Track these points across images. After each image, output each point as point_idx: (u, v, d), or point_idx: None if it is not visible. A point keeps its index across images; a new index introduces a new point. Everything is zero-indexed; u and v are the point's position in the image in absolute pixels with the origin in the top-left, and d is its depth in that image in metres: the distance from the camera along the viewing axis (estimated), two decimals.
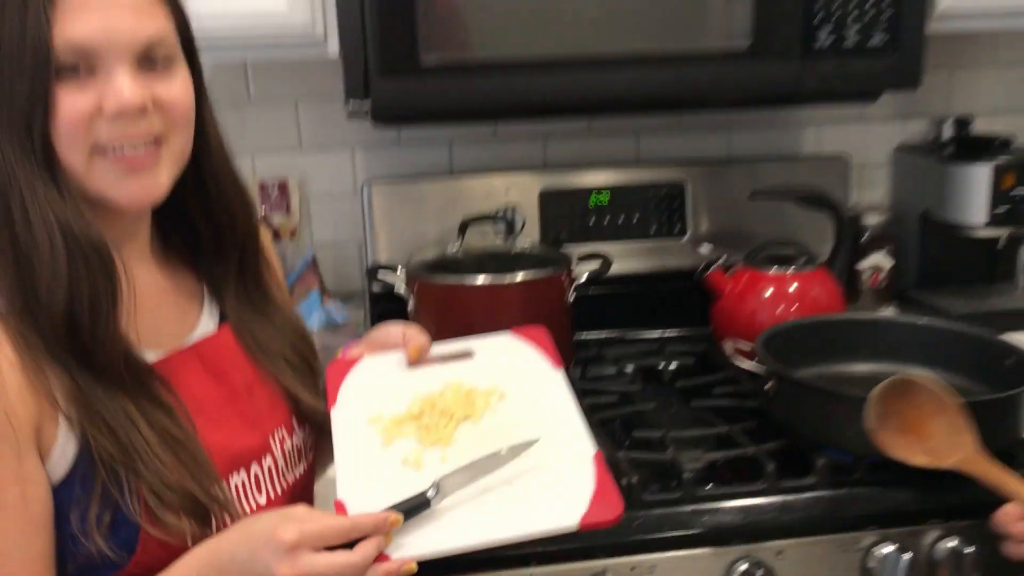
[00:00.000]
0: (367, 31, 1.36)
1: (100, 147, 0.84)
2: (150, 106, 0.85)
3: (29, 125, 0.81)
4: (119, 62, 0.83)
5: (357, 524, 0.79)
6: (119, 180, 0.86)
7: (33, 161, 0.82)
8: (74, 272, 0.83)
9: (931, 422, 1.07)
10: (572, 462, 0.86)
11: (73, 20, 0.81)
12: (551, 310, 1.51)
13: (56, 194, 0.83)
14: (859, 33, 1.43)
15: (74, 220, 0.83)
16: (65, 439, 0.83)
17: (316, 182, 1.82)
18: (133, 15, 0.84)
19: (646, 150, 1.87)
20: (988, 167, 1.71)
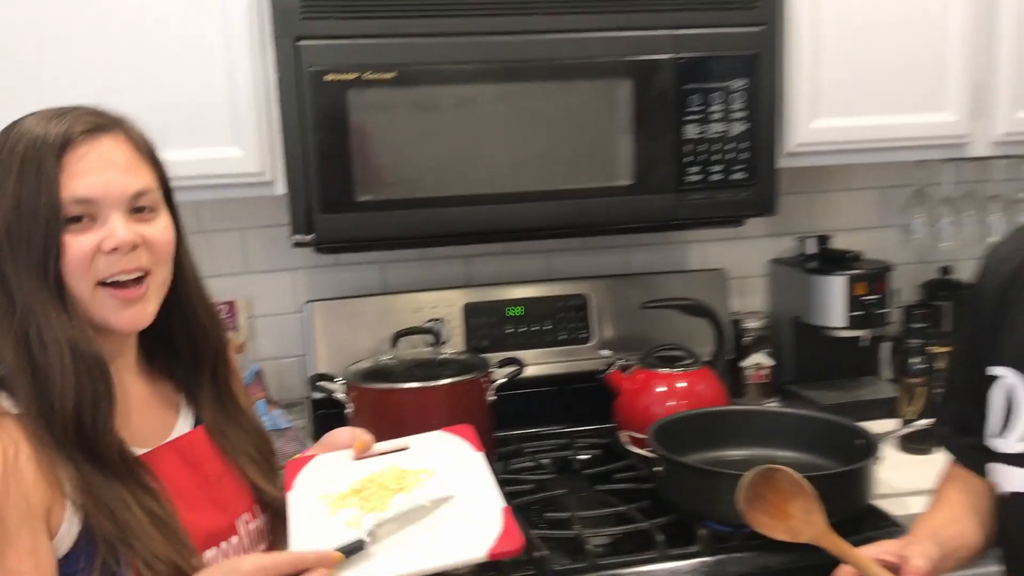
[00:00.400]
0: (310, 175, 1.60)
1: (101, 280, 1.04)
2: (139, 243, 1.06)
3: (45, 265, 1.02)
4: (114, 210, 1.05)
5: (303, 557, 0.98)
6: (116, 310, 1.06)
7: (48, 293, 1.02)
8: (80, 381, 1.02)
9: (790, 504, 1.23)
10: (484, 512, 1.06)
11: (77, 182, 1.03)
12: (473, 409, 1.72)
13: (67, 319, 1.03)
14: (722, 171, 1.73)
15: (80, 339, 1.03)
16: (70, 521, 1.01)
17: (261, 302, 2.02)
18: (123, 174, 1.06)
19: (555, 268, 2.13)
20: (844, 278, 2.01)
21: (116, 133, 1.08)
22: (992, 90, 1.87)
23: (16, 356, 1.02)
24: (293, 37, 1.55)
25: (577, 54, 1.65)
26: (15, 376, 1.02)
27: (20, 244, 1.01)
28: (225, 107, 1.60)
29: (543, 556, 1.38)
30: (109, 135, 1.07)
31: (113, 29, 1.54)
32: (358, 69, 1.58)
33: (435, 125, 1.63)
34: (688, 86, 1.69)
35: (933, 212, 2.21)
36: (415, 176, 1.65)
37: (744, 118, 1.72)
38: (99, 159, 1.04)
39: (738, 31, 1.69)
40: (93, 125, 1.05)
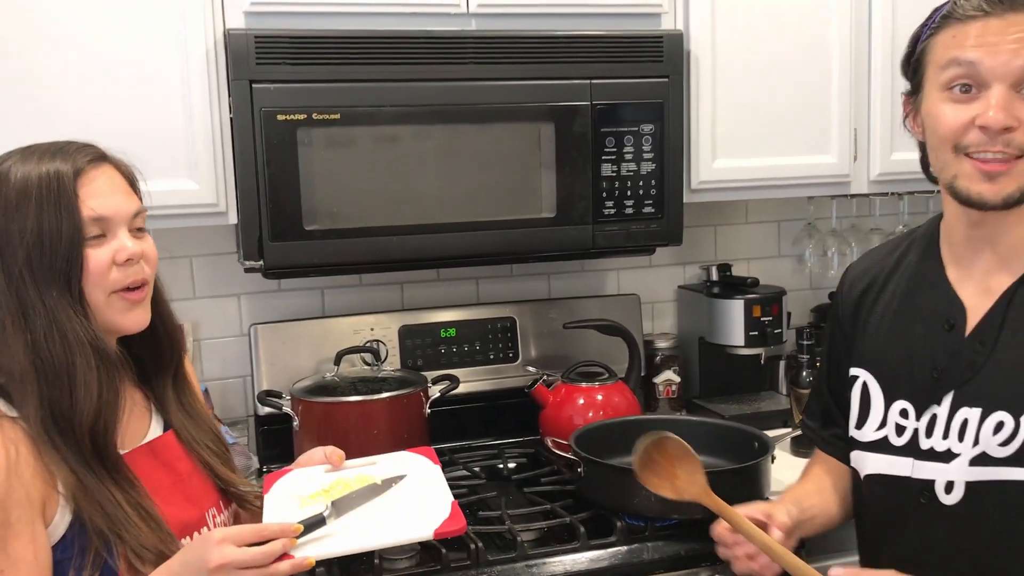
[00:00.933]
0: (262, 206, 1.74)
1: (114, 289, 1.20)
2: (141, 256, 1.22)
3: (69, 278, 1.17)
4: (121, 227, 1.21)
5: (266, 527, 1.13)
6: (125, 311, 1.22)
7: (73, 302, 1.17)
8: (101, 378, 1.16)
9: (677, 467, 1.39)
10: (436, 502, 1.23)
11: (93, 203, 1.18)
12: (412, 421, 1.88)
13: (89, 324, 1.17)
14: (633, 205, 1.93)
15: (102, 341, 1.18)
16: (62, 514, 1.14)
17: (207, 326, 2.14)
18: (125, 197, 1.24)
19: (485, 293, 2.31)
20: (741, 301, 2.23)
21: (110, 162, 1.25)
22: (868, 135, 2.13)
23: (32, 363, 1.14)
24: (248, 80, 1.69)
25: (504, 99, 1.83)
26: (26, 382, 1.14)
27: (44, 265, 1.15)
28: (183, 143, 1.74)
29: (477, 548, 1.54)
30: (107, 163, 1.24)
31: (83, 69, 1.67)
32: (307, 110, 1.73)
33: (375, 162, 1.79)
34: (603, 129, 1.89)
35: (822, 243, 2.47)
36: (357, 208, 1.80)
37: (653, 158, 1.93)
38: (106, 184, 1.21)
39: (647, 81, 1.91)
40: (94, 155, 1.23)
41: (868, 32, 2.10)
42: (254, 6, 1.73)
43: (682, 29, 1.97)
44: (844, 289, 1.44)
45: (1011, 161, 1.14)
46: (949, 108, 1.17)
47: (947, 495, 1.22)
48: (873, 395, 1.32)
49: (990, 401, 1.19)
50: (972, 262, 1.25)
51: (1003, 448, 1.17)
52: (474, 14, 1.85)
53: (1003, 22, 1.14)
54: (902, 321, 1.31)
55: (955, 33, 1.17)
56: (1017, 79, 1.13)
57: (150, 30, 1.69)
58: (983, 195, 1.16)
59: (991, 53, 1.13)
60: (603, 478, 1.67)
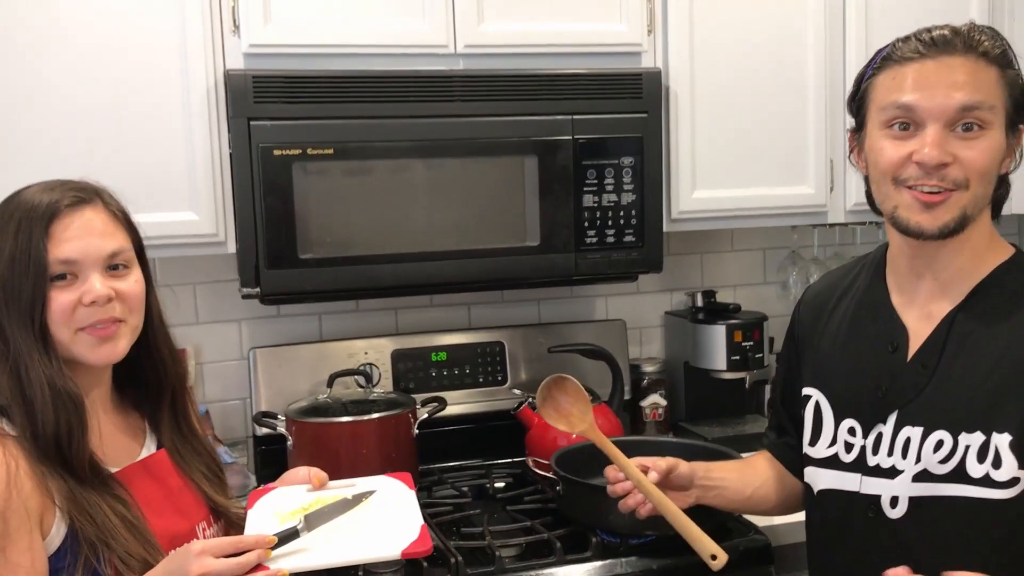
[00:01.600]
0: (259, 236, 1.84)
1: (80, 327, 1.26)
2: (113, 296, 1.29)
3: (32, 314, 1.24)
4: (92, 269, 1.27)
5: (243, 540, 1.19)
6: (93, 347, 1.28)
7: (33, 338, 1.24)
8: (57, 412, 1.23)
9: (574, 406, 1.62)
10: (406, 524, 1.30)
11: (62, 247, 1.25)
12: (401, 442, 1.96)
13: (47, 361, 1.24)
14: (615, 234, 2.02)
15: (57, 378, 1.24)
16: (58, 525, 1.22)
17: (209, 350, 2.24)
18: (100, 238, 1.29)
19: (475, 319, 2.39)
20: (723, 327, 2.31)
21: (96, 203, 1.31)
22: (844, 166, 2.21)
23: (10, 389, 1.24)
24: (246, 118, 1.80)
25: (490, 135, 1.93)
26: (11, 405, 1.24)
27: (12, 296, 1.23)
28: (184, 177, 1.84)
29: (458, 561, 1.61)
30: (90, 206, 1.30)
31: (91, 109, 1.78)
32: (302, 145, 1.83)
33: (368, 193, 1.89)
34: (585, 162, 1.98)
35: (806, 270, 2.54)
36: (350, 237, 1.90)
37: (633, 189, 2.02)
38: (81, 227, 1.27)
39: (626, 117, 2.00)
40: (76, 199, 1.28)
41: (843, 66, 2.18)
42: (252, 48, 1.84)
43: (661, 67, 2.06)
44: (800, 310, 1.52)
45: (946, 193, 1.22)
46: (889, 144, 1.25)
47: (892, 509, 1.29)
48: (824, 413, 1.39)
49: (931, 421, 1.26)
50: (915, 289, 1.33)
51: (942, 465, 1.24)
52: (461, 54, 1.95)
53: (937, 64, 1.22)
54: (851, 343, 1.39)
55: (894, 75, 1.25)
56: (951, 119, 1.21)
57: (154, 71, 1.80)
58: (921, 224, 1.24)
59: (927, 96, 1.22)
60: (580, 496, 1.74)
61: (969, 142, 1.21)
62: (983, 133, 1.21)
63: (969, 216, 1.23)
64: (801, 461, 1.44)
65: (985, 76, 1.22)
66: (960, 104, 1.21)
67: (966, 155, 1.21)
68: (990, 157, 1.22)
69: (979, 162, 1.21)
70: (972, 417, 1.23)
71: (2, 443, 1.20)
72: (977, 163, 1.21)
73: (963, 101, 1.20)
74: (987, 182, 1.24)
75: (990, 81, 1.22)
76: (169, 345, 1.43)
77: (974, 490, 1.22)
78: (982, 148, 1.21)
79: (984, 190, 1.24)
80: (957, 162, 1.21)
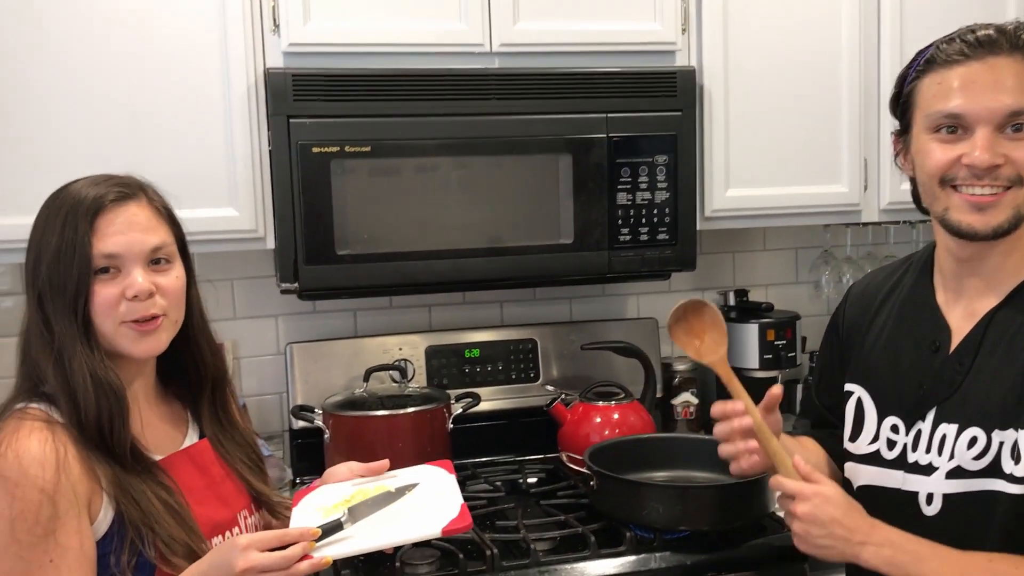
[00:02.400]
0: (297, 232, 1.87)
1: (123, 320, 1.29)
2: (154, 291, 1.31)
3: (75, 306, 1.27)
4: (135, 264, 1.30)
5: (287, 533, 1.23)
6: (135, 341, 1.32)
7: (76, 329, 1.27)
8: (99, 401, 1.26)
9: (706, 333, 1.43)
10: (446, 504, 1.32)
11: (105, 240, 1.28)
12: (435, 436, 1.98)
13: (89, 351, 1.28)
14: (648, 232, 2.03)
15: (99, 368, 1.28)
16: (106, 510, 1.25)
17: (246, 345, 2.27)
18: (143, 233, 1.32)
19: (508, 316, 2.41)
20: (756, 325, 2.31)
21: (139, 198, 1.34)
22: (878, 165, 2.21)
23: (56, 377, 1.27)
24: (285, 116, 1.83)
25: (525, 133, 1.95)
26: (57, 393, 1.27)
27: (58, 288, 1.27)
28: (224, 174, 1.88)
29: (493, 554, 1.63)
30: (134, 201, 1.33)
31: (133, 107, 1.82)
32: (340, 143, 1.86)
33: (403, 190, 1.91)
34: (619, 160, 1.99)
35: (838, 270, 2.54)
36: (386, 234, 1.92)
37: (666, 187, 2.02)
38: (125, 222, 1.30)
39: (661, 115, 2.01)
40: (121, 194, 1.32)
41: (877, 66, 2.18)
42: (292, 47, 1.87)
43: (695, 65, 2.07)
44: (845, 307, 1.53)
45: (1000, 193, 1.22)
46: (937, 147, 1.25)
47: (928, 506, 1.29)
48: (867, 410, 1.40)
49: (966, 417, 1.27)
50: (961, 288, 1.33)
51: (976, 462, 1.25)
52: (497, 52, 1.97)
53: (984, 66, 1.22)
54: (895, 341, 1.39)
55: (940, 80, 1.25)
56: (1000, 122, 1.21)
57: (195, 70, 1.84)
58: (973, 226, 1.24)
59: (974, 100, 1.22)
60: (614, 491, 1.75)
61: (1020, 142, 1.21)
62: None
63: (1023, 215, 1.23)
64: (843, 454, 1.44)
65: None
66: (1009, 109, 1.21)
67: (1018, 155, 1.21)
68: None
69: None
70: (1005, 414, 1.23)
71: (51, 429, 1.24)
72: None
73: (1012, 106, 1.20)
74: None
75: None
76: (209, 339, 1.46)
77: (1008, 486, 1.22)
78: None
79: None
80: (1009, 162, 1.21)
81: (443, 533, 1.26)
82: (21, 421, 1.24)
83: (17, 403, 1.28)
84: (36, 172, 1.73)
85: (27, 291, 1.31)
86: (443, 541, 1.67)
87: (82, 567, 1.21)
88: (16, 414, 1.26)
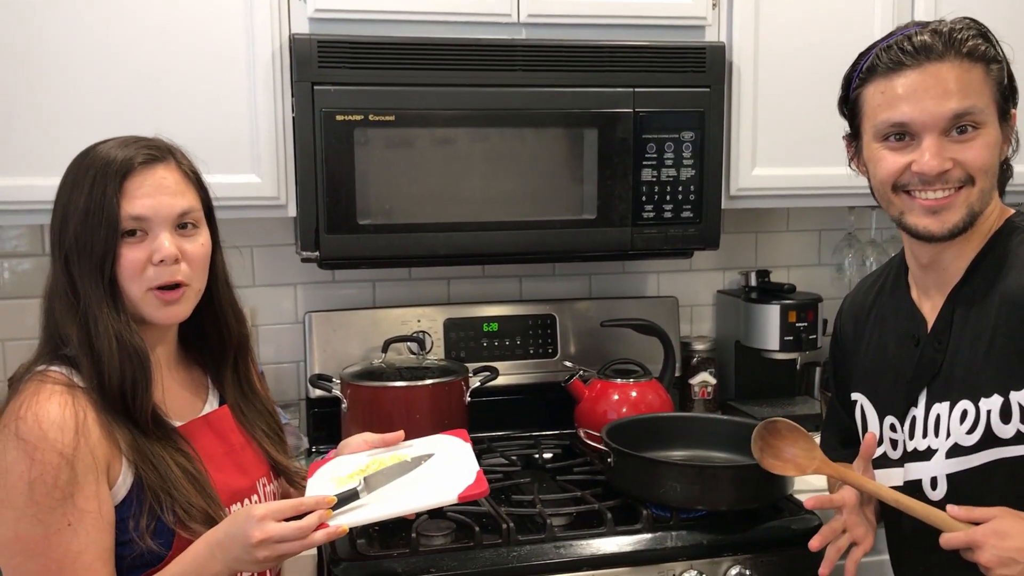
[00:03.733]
0: (319, 200, 1.86)
1: (149, 286, 1.28)
2: (180, 257, 1.30)
3: (102, 268, 1.26)
4: (162, 228, 1.29)
5: (303, 502, 1.22)
6: (158, 308, 1.31)
7: (103, 293, 1.26)
8: (123, 364, 1.26)
9: (792, 446, 1.44)
10: (462, 471, 1.32)
11: (134, 203, 1.27)
12: (452, 408, 1.97)
13: (116, 314, 1.27)
14: (672, 209, 2.01)
15: (125, 331, 1.27)
16: (125, 475, 1.25)
17: (265, 313, 2.27)
18: (171, 197, 1.30)
19: (527, 291, 2.39)
20: (777, 307, 2.29)
21: (168, 161, 1.33)
22: None
23: (79, 340, 1.26)
24: (310, 82, 1.81)
25: (551, 105, 1.92)
26: (80, 356, 1.26)
27: (85, 249, 1.26)
28: (247, 140, 1.86)
29: (509, 528, 1.63)
30: (162, 164, 1.31)
31: (157, 72, 1.81)
32: (364, 112, 1.84)
33: (427, 161, 1.90)
34: (645, 136, 1.97)
35: (862, 253, 2.51)
36: (408, 204, 1.91)
37: (692, 164, 2.00)
38: (153, 185, 1.29)
39: (688, 91, 1.98)
40: (150, 156, 1.30)
41: None
42: (318, 12, 1.85)
43: (725, 41, 2.04)
44: (840, 321, 1.56)
45: (952, 194, 1.25)
46: (887, 155, 1.28)
47: (933, 491, 1.31)
48: (869, 416, 1.42)
49: (953, 393, 1.29)
50: (927, 280, 1.37)
51: (970, 436, 1.26)
52: (524, 23, 1.94)
53: (923, 74, 1.24)
54: (882, 343, 1.43)
55: (883, 88, 1.27)
56: (945, 126, 1.24)
57: (220, 35, 1.82)
58: (930, 229, 1.27)
59: (918, 109, 1.24)
60: (632, 468, 1.75)
61: (967, 144, 1.24)
62: (979, 132, 1.24)
63: (977, 212, 1.26)
64: None
65: (973, 77, 1.23)
66: (953, 112, 1.23)
67: (965, 156, 1.23)
68: (989, 153, 1.24)
69: (979, 160, 1.24)
70: (987, 381, 1.25)
71: (72, 394, 1.23)
72: (978, 161, 1.24)
73: (955, 109, 1.22)
74: (991, 175, 1.26)
75: (978, 81, 1.23)
76: (234, 305, 1.45)
77: (1008, 450, 1.23)
78: (980, 146, 1.24)
79: (989, 183, 1.27)
80: (957, 164, 1.24)
81: (459, 499, 1.26)
82: (42, 384, 1.23)
83: (38, 365, 1.28)
84: (58, 135, 1.72)
85: (52, 252, 1.30)
86: (459, 513, 1.67)
87: (100, 531, 1.21)
88: (37, 376, 1.25)
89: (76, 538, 1.19)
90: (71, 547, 1.19)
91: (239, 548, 1.19)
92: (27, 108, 1.75)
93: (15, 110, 1.75)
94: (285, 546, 1.19)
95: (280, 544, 1.19)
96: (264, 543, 1.18)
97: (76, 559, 1.19)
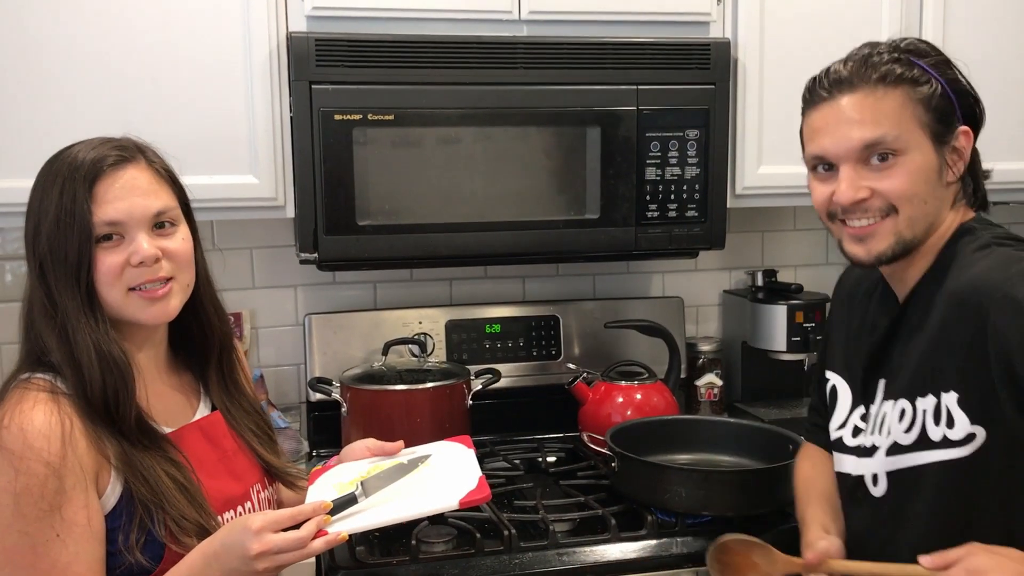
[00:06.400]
0: (318, 201, 1.83)
1: (130, 287, 1.25)
2: (160, 256, 1.27)
3: (78, 276, 1.22)
4: (138, 229, 1.25)
5: (300, 511, 1.19)
6: (145, 307, 1.27)
7: (79, 302, 1.23)
8: (104, 374, 1.22)
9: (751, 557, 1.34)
10: (464, 477, 1.29)
11: (105, 207, 1.23)
12: (454, 412, 1.94)
13: (94, 324, 1.23)
14: (677, 208, 1.97)
15: (103, 341, 1.23)
16: (114, 485, 1.22)
17: (264, 315, 2.24)
18: (145, 197, 1.26)
19: (530, 291, 2.36)
20: (784, 307, 2.25)
21: (139, 161, 1.28)
22: None
23: (60, 350, 1.23)
24: (308, 81, 1.78)
25: (553, 104, 1.89)
26: (62, 365, 1.23)
27: (59, 258, 1.22)
28: (244, 140, 1.84)
29: (511, 534, 1.60)
30: (132, 164, 1.27)
31: (153, 72, 1.78)
32: (362, 111, 1.81)
33: (426, 161, 1.87)
34: (648, 134, 1.94)
35: None
36: (408, 205, 1.88)
37: (697, 163, 1.97)
38: (124, 187, 1.25)
39: (693, 88, 1.95)
40: (119, 158, 1.26)
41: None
42: (315, 10, 1.82)
43: (730, 37, 2.00)
44: (833, 297, 1.57)
45: (876, 223, 1.25)
46: (817, 185, 1.32)
47: (875, 487, 1.31)
48: (841, 397, 1.42)
49: (897, 392, 1.28)
50: (893, 284, 1.35)
51: (907, 435, 1.25)
52: (525, 20, 1.91)
53: (834, 107, 1.26)
54: (857, 329, 1.42)
55: (809, 121, 1.31)
56: (858, 156, 1.24)
57: (217, 34, 1.79)
58: (858, 255, 1.29)
59: (831, 141, 1.25)
60: (636, 473, 1.71)
61: (885, 172, 1.23)
62: (898, 160, 1.22)
63: (910, 238, 1.25)
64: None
65: (886, 105, 1.22)
66: (861, 142, 1.22)
67: (883, 185, 1.23)
68: (910, 180, 1.22)
69: (898, 189, 1.22)
70: (923, 381, 1.24)
71: (57, 401, 1.20)
72: (896, 190, 1.22)
73: (864, 139, 1.22)
74: (919, 202, 1.23)
75: (892, 107, 1.22)
76: (215, 304, 1.42)
77: (937, 454, 1.22)
78: (900, 175, 1.22)
79: (919, 210, 1.24)
80: (876, 194, 1.23)
81: (460, 505, 1.23)
82: (25, 392, 1.21)
83: (22, 373, 1.25)
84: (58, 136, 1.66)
85: (28, 260, 1.26)
86: (460, 520, 1.64)
87: (89, 543, 1.18)
88: (20, 384, 1.22)
89: (65, 550, 1.16)
90: (59, 559, 1.16)
91: (237, 560, 1.17)
92: (27, 109, 1.73)
93: (15, 112, 1.73)
94: (284, 556, 1.17)
95: (279, 555, 1.16)
96: (263, 555, 1.15)
97: (65, 571, 1.16)
